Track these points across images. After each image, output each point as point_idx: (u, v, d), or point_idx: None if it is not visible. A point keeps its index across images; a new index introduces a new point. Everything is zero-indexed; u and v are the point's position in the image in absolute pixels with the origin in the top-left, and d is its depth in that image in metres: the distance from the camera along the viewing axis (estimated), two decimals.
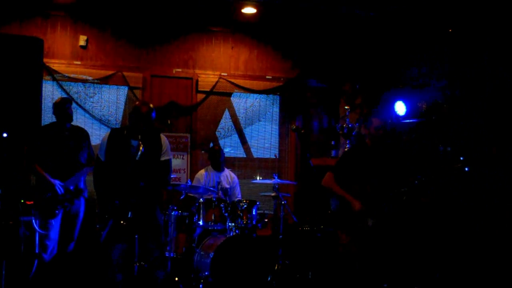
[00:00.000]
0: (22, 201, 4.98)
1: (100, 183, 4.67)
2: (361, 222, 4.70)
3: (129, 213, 4.38)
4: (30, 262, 4.80)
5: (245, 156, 7.21)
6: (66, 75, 6.37)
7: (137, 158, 4.35)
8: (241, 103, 7.15)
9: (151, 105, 4.66)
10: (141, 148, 4.35)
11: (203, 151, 6.90)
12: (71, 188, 5.15)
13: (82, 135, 5.39)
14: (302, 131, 5.01)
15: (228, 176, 6.50)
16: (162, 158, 4.66)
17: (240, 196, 6.44)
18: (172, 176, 4.94)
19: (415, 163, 5.03)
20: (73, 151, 5.23)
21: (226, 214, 5.62)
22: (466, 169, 4.44)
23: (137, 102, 6.18)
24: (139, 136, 4.41)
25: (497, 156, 5.13)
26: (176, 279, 5.50)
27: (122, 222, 4.40)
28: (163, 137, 4.72)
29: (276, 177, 6.04)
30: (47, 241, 5.03)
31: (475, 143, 5.35)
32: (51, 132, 5.20)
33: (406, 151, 5.63)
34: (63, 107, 5.24)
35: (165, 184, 4.83)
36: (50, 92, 6.34)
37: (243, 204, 5.66)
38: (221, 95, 7.03)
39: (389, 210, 4.67)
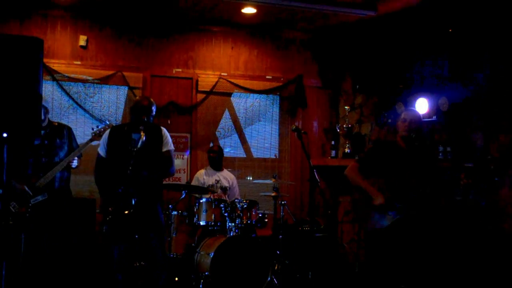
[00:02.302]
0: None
1: (101, 178, 4.68)
2: (379, 219, 4.54)
3: (133, 200, 4.34)
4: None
5: (245, 156, 7.21)
6: (66, 75, 6.37)
7: (138, 146, 4.34)
8: (241, 103, 7.15)
9: (152, 100, 4.74)
10: (143, 136, 4.35)
11: (203, 151, 6.90)
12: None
13: (60, 131, 5.19)
14: (302, 131, 4.97)
15: (227, 176, 6.51)
16: (163, 149, 4.67)
17: (239, 196, 6.44)
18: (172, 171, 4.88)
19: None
20: (48, 150, 5.07)
21: (226, 214, 5.62)
22: (496, 178, 4.30)
23: (137, 97, 6.21)
24: (141, 127, 4.43)
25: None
26: (176, 279, 5.51)
27: (126, 211, 4.37)
28: (163, 129, 4.75)
29: (276, 177, 6.05)
30: None
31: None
32: None
33: (432, 152, 5.47)
34: None
35: (167, 175, 4.79)
36: (50, 92, 6.34)
37: (243, 204, 5.67)
38: (221, 95, 7.03)
39: (409, 209, 4.53)
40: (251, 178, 6.79)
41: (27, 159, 5.01)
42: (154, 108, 4.70)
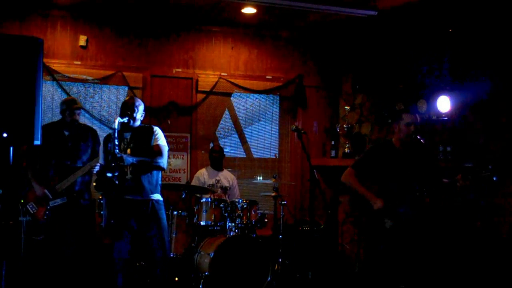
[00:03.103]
0: (22, 201, 5.00)
1: (103, 183, 4.68)
2: (379, 223, 4.50)
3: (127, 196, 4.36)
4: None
5: (245, 156, 7.21)
6: (66, 75, 6.37)
7: (115, 127, 4.36)
8: (241, 103, 7.15)
9: (139, 99, 4.79)
10: (116, 121, 4.38)
11: (203, 151, 6.90)
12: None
13: (85, 134, 5.29)
14: (302, 131, 4.96)
15: (228, 176, 6.51)
16: (153, 143, 4.65)
17: (239, 197, 6.43)
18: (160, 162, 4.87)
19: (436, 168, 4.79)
20: (71, 152, 5.15)
21: (226, 214, 5.62)
22: (494, 178, 4.25)
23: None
24: (117, 117, 4.46)
25: None
26: (176, 279, 5.51)
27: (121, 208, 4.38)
28: (155, 127, 4.74)
29: (276, 177, 6.05)
30: None
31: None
32: (50, 132, 5.11)
33: (433, 152, 5.41)
34: (73, 111, 5.19)
35: (157, 168, 4.72)
36: (50, 92, 6.34)
37: (243, 204, 5.67)
38: (221, 95, 7.02)
39: (408, 213, 4.48)
40: (261, 178, 6.76)
41: (50, 160, 5.05)
42: (139, 105, 4.66)
